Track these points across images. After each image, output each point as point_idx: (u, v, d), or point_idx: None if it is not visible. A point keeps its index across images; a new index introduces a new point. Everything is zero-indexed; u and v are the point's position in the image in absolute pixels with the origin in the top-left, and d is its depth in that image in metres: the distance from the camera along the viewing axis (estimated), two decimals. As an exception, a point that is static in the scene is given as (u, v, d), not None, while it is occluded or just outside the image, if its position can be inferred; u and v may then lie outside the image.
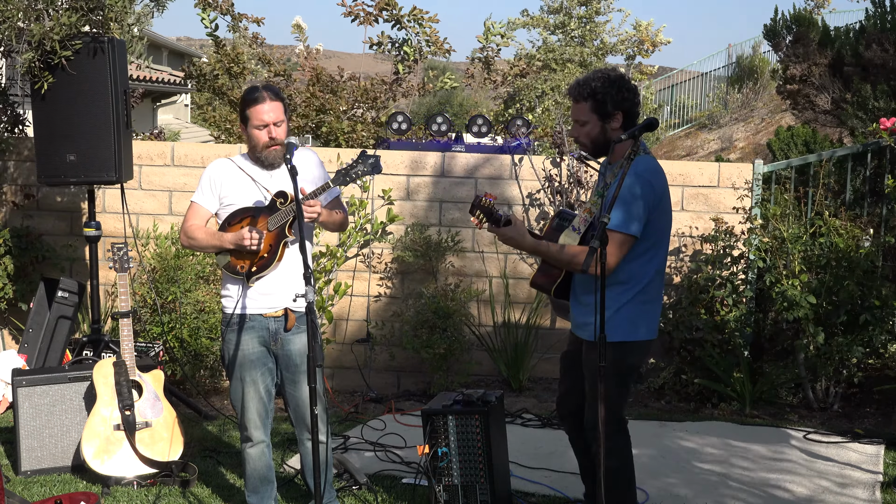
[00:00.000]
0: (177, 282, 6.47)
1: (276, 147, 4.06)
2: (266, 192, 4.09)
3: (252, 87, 4.19)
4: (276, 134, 4.05)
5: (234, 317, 4.11)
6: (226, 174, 4.16)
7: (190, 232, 4.15)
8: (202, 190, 4.18)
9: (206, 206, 4.18)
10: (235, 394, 4.19)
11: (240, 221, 4.08)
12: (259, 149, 4.08)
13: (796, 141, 8.57)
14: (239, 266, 4.07)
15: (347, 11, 8.64)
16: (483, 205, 3.83)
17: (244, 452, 4.24)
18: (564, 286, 3.95)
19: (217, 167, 4.19)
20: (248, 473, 4.27)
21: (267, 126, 4.04)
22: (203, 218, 4.18)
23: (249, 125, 4.06)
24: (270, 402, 4.22)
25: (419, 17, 8.64)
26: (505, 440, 4.54)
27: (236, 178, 4.14)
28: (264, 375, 4.16)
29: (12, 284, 6.62)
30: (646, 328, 3.84)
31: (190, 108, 25.09)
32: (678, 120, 21.96)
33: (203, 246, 4.19)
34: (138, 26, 6.34)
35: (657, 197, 3.74)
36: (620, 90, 3.81)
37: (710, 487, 4.87)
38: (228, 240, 4.03)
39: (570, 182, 6.86)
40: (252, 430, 4.19)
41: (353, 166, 4.06)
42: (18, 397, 5.08)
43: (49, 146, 5.78)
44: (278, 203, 4.04)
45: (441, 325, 6.58)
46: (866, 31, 8.51)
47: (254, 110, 4.04)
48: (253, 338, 4.11)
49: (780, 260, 6.31)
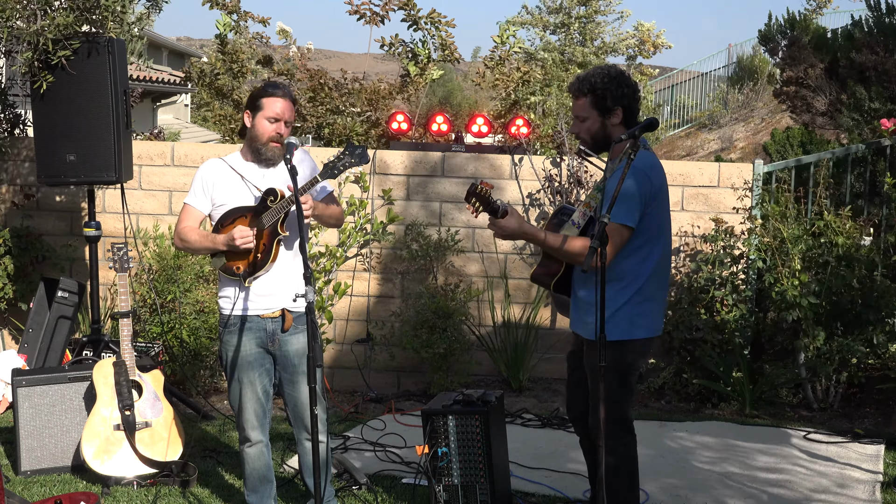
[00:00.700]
0: (176, 281, 6.47)
1: (278, 144, 4.05)
2: (257, 191, 4.08)
3: (271, 81, 4.20)
4: (283, 131, 4.06)
5: (232, 318, 4.11)
6: (217, 175, 4.14)
7: (183, 234, 4.14)
8: (194, 191, 4.17)
9: (198, 208, 4.16)
10: (233, 394, 4.20)
11: (232, 222, 4.07)
12: (262, 140, 4.06)
13: (792, 142, 8.57)
14: (235, 267, 4.06)
15: (353, 10, 8.61)
16: (479, 192, 3.77)
17: (243, 453, 4.25)
18: (564, 281, 3.94)
19: (208, 168, 4.17)
20: (248, 473, 4.27)
21: (279, 121, 4.05)
22: (196, 219, 4.17)
23: (259, 115, 4.05)
24: (268, 402, 4.22)
25: (436, 21, 8.66)
26: (505, 440, 4.54)
27: (228, 179, 4.13)
28: (262, 376, 4.15)
29: (12, 284, 6.62)
30: (646, 326, 3.82)
31: (190, 108, 25.10)
32: (678, 120, 21.95)
33: (196, 248, 4.17)
34: (138, 26, 6.33)
35: (654, 191, 3.73)
36: (620, 86, 3.81)
37: (710, 487, 4.87)
38: (221, 241, 4.02)
39: (570, 182, 6.86)
40: (250, 430, 4.19)
41: (340, 158, 4.03)
42: (18, 397, 5.08)
43: (49, 146, 5.78)
44: (269, 201, 4.03)
45: (441, 325, 6.58)
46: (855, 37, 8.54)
47: (270, 101, 4.04)
48: (250, 339, 4.11)
49: (780, 260, 6.31)
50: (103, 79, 5.72)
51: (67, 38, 5.60)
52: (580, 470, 4.51)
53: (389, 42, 8.79)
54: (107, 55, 5.70)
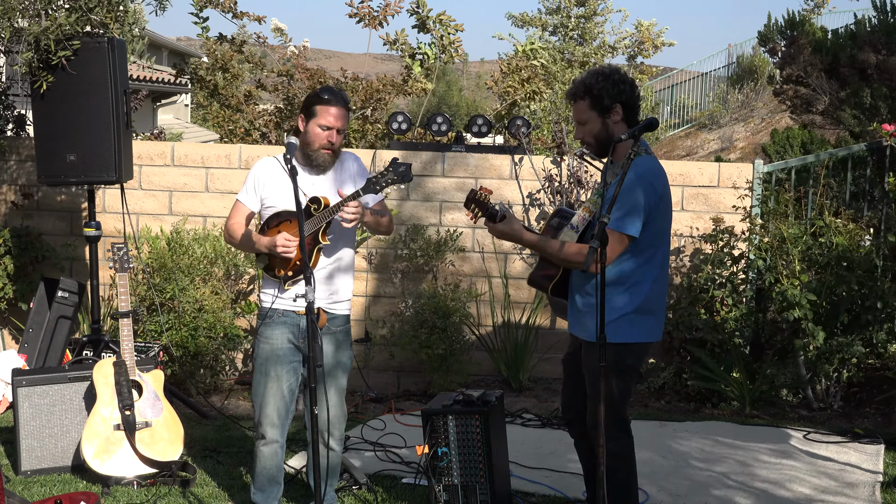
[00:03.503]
0: (175, 281, 6.47)
1: (329, 152, 4.11)
2: (304, 196, 4.10)
3: (327, 87, 4.24)
4: (335, 139, 4.09)
5: (269, 311, 4.17)
6: (269, 175, 4.20)
7: (231, 230, 4.24)
8: (246, 189, 4.24)
9: (248, 205, 4.24)
10: (258, 388, 4.19)
11: (277, 225, 4.14)
12: (314, 147, 4.10)
13: (792, 143, 8.58)
14: (276, 270, 4.16)
15: (353, 13, 8.64)
16: (478, 198, 3.79)
17: (257, 450, 4.22)
18: (562, 284, 3.94)
19: (262, 167, 4.23)
20: (258, 472, 4.25)
21: (331, 129, 4.08)
22: (245, 216, 4.25)
23: (312, 121, 4.09)
24: (292, 402, 4.21)
25: (445, 22, 8.68)
26: (505, 440, 4.54)
27: (279, 180, 4.16)
28: (289, 374, 4.16)
29: (12, 284, 6.62)
30: (647, 331, 3.82)
31: (190, 108, 25.08)
32: (678, 120, 21.96)
33: (240, 246, 4.31)
34: (138, 26, 6.33)
35: (658, 198, 3.73)
36: (616, 83, 3.80)
37: (710, 487, 4.87)
38: (264, 244, 4.10)
39: (571, 182, 6.86)
40: (268, 427, 4.17)
41: (384, 175, 4.04)
42: (18, 397, 5.08)
43: (49, 146, 5.78)
44: (312, 209, 4.07)
45: (441, 325, 6.58)
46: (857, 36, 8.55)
47: (324, 109, 4.07)
48: (284, 332, 4.16)
49: (780, 260, 6.31)
50: (103, 79, 5.71)
51: (68, 38, 5.60)
52: (580, 470, 4.50)
53: (394, 39, 8.81)
54: (107, 55, 5.70)
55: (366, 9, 8.62)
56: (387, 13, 8.60)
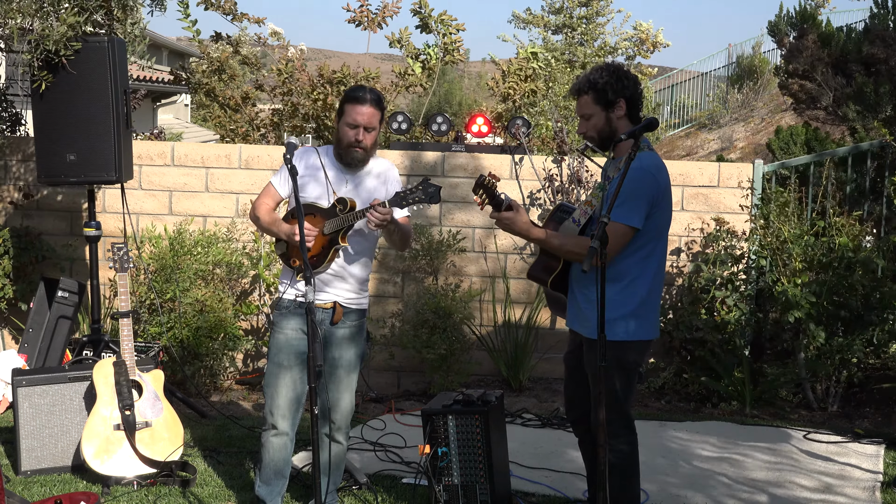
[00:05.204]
0: (176, 282, 6.47)
1: (359, 150, 4.10)
2: (333, 194, 4.11)
3: (359, 85, 4.23)
4: (363, 138, 4.08)
5: (284, 301, 4.18)
6: (306, 165, 4.19)
7: (258, 210, 4.24)
8: (280, 173, 4.24)
9: (278, 190, 4.24)
10: (269, 378, 4.18)
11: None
12: (343, 145, 4.12)
13: (796, 140, 8.57)
14: (292, 260, 4.17)
15: (351, 18, 8.70)
16: (486, 184, 3.81)
17: (266, 441, 4.20)
18: (562, 279, 3.94)
19: (301, 156, 4.21)
20: (265, 463, 4.23)
21: (358, 128, 4.07)
22: (274, 199, 4.26)
23: (342, 120, 4.11)
24: (303, 396, 4.19)
25: (447, 23, 8.70)
26: (505, 440, 4.54)
27: (314, 172, 4.17)
28: (301, 364, 4.13)
29: (12, 284, 6.62)
30: (647, 328, 3.83)
31: (190, 108, 25.08)
32: (678, 120, 21.96)
33: (263, 228, 4.30)
34: (139, 26, 6.33)
35: (660, 192, 3.74)
36: (619, 78, 3.82)
37: (710, 487, 4.87)
38: (284, 231, 4.13)
39: (571, 181, 6.86)
40: (278, 417, 4.16)
41: (412, 192, 4.00)
42: (18, 397, 5.08)
43: (49, 146, 5.78)
44: (338, 209, 4.07)
45: (441, 325, 6.57)
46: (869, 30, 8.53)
47: (352, 108, 4.07)
48: (299, 323, 4.14)
49: (781, 260, 6.30)
50: (103, 79, 5.71)
51: (69, 38, 5.60)
52: (580, 470, 4.51)
53: (398, 38, 8.83)
54: (107, 55, 5.70)
55: (364, 12, 8.66)
56: (385, 14, 8.63)
